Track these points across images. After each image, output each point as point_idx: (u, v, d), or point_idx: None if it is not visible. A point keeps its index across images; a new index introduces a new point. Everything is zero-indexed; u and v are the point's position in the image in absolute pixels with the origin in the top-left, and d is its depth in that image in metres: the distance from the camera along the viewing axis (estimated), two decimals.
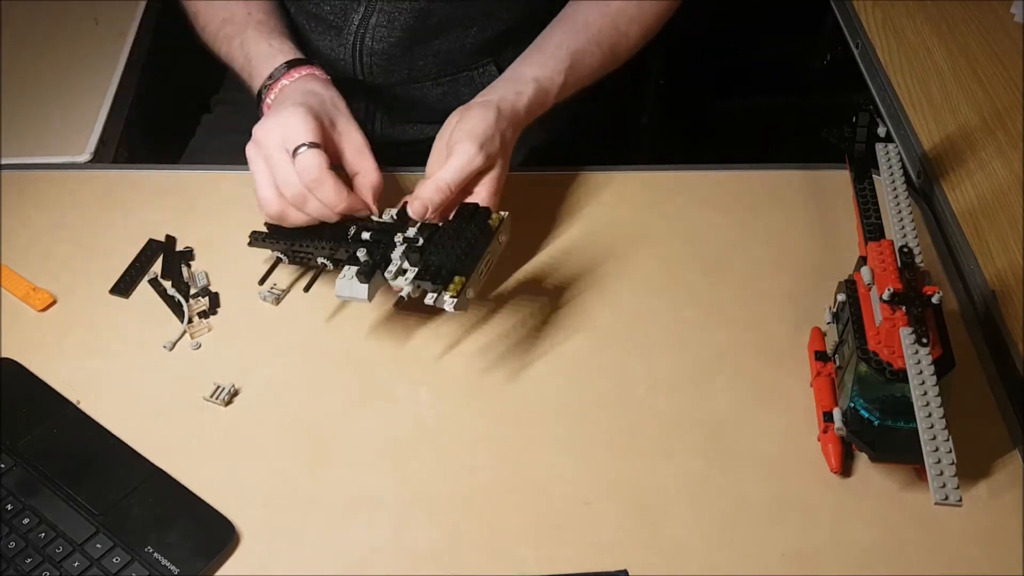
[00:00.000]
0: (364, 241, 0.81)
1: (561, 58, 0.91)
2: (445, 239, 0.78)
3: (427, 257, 0.77)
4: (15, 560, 0.69)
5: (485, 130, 0.82)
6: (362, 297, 0.78)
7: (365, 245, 0.80)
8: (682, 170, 1.00)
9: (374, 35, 0.98)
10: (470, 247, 0.77)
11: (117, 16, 1.17)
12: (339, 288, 0.78)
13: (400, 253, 0.79)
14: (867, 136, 0.85)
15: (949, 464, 0.64)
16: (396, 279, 0.78)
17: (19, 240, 0.91)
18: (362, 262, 0.78)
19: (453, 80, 1.02)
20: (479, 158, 0.82)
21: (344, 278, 0.78)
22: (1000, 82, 1.05)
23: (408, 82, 1.02)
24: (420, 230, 0.79)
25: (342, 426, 0.79)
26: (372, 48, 0.99)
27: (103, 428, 0.77)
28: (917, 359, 0.68)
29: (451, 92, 1.02)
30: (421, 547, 0.71)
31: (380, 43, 0.98)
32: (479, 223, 0.78)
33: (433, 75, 1.01)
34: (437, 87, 1.02)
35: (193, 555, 0.70)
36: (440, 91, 1.02)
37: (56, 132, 1.03)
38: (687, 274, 0.90)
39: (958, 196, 0.95)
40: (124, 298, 0.87)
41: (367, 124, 1.07)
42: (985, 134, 1.00)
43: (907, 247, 0.75)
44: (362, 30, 0.98)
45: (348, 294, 0.78)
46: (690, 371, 0.82)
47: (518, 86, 0.88)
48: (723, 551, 0.71)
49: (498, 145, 0.83)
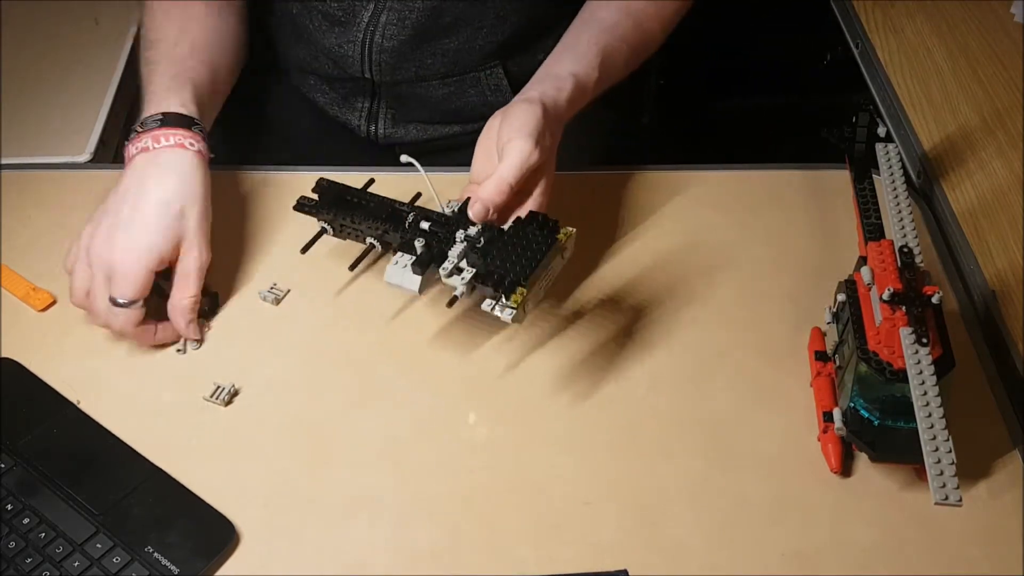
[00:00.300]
0: (423, 231, 0.77)
1: (594, 54, 0.90)
2: (509, 245, 0.74)
3: (489, 261, 0.73)
4: (15, 560, 0.69)
5: (536, 125, 0.80)
6: (412, 289, 0.76)
7: (424, 235, 0.77)
8: (682, 170, 1.00)
9: (384, 32, 0.98)
10: (535, 259, 0.73)
11: (117, 16, 1.17)
12: (389, 274, 0.77)
13: (459, 251, 0.75)
14: (867, 136, 0.85)
15: (949, 464, 0.64)
16: (451, 277, 0.75)
17: (19, 240, 0.91)
18: (419, 253, 0.76)
19: (460, 80, 1.02)
20: (535, 154, 0.79)
21: (396, 264, 0.77)
22: (1000, 82, 1.05)
23: (415, 80, 1.02)
24: (483, 230, 0.76)
25: (342, 426, 0.79)
26: (382, 46, 0.99)
27: (103, 428, 0.77)
28: (917, 359, 0.68)
29: (457, 92, 1.02)
30: (421, 547, 0.71)
31: (390, 40, 0.98)
32: (548, 236, 0.75)
33: (440, 74, 1.01)
34: (444, 87, 1.02)
35: (193, 555, 0.70)
36: (446, 91, 1.02)
37: (56, 132, 1.03)
38: (687, 274, 0.90)
39: (958, 196, 0.95)
40: None
41: (371, 124, 1.07)
42: (985, 134, 1.00)
43: (907, 247, 0.75)
44: (372, 27, 0.98)
45: (398, 282, 0.76)
46: (690, 371, 0.82)
47: (558, 82, 0.86)
48: (723, 551, 0.71)
49: (548, 141, 0.82)
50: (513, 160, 0.78)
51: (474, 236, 0.76)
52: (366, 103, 1.06)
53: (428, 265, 0.76)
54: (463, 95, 1.03)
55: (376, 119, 1.06)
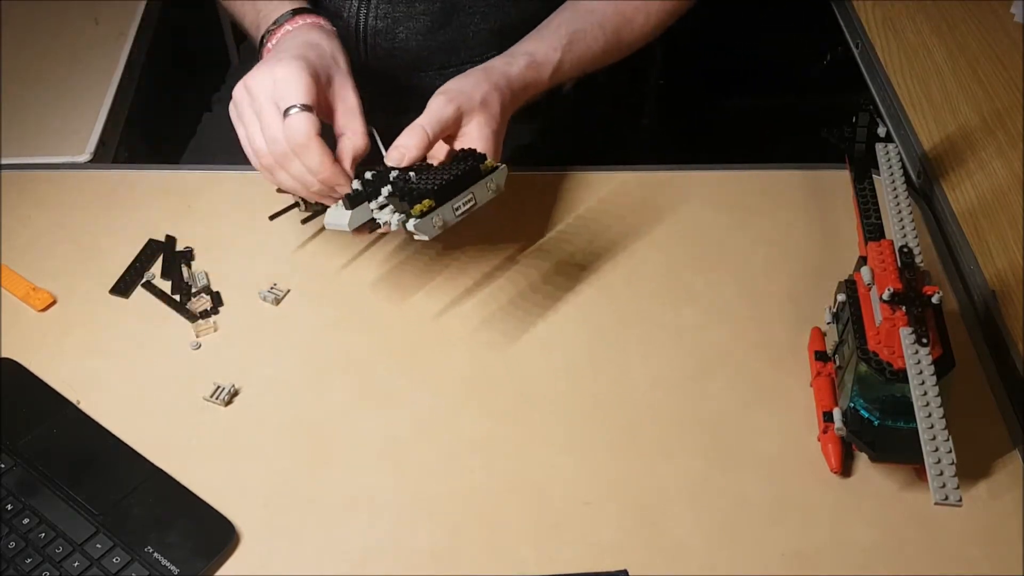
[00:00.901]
0: (363, 178, 0.80)
1: (560, 36, 0.91)
2: (433, 174, 0.77)
3: (407, 183, 0.76)
4: (15, 560, 0.69)
5: (460, 86, 0.84)
6: (343, 224, 0.78)
7: (362, 181, 0.80)
8: (682, 170, 1.00)
9: (377, 12, 0.98)
10: (452, 180, 0.76)
11: (117, 16, 1.17)
12: (328, 217, 0.79)
13: (389, 189, 0.78)
14: (867, 136, 0.85)
15: (949, 464, 0.64)
16: (381, 211, 0.77)
17: (19, 240, 0.91)
18: (352, 191, 0.78)
19: (457, 71, 1.01)
20: (449, 108, 0.81)
21: (335, 208, 0.79)
22: (1000, 82, 1.05)
23: (412, 70, 1.01)
24: (414, 169, 0.79)
25: (342, 426, 0.79)
26: (376, 27, 0.99)
27: (103, 428, 0.77)
28: (917, 359, 0.68)
29: None
30: (421, 547, 0.71)
31: (383, 20, 0.98)
32: (470, 164, 0.78)
33: (437, 65, 1.01)
34: (440, 77, 1.01)
35: (193, 555, 0.70)
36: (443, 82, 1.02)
37: (56, 132, 1.03)
38: (687, 274, 0.90)
39: (958, 196, 0.95)
40: (124, 298, 0.87)
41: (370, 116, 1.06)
42: (985, 134, 1.00)
43: (907, 247, 0.75)
44: (364, 9, 0.98)
45: (333, 222, 0.79)
46: (690, 371, 0.82)
47: (509, 57, 0.89)
48: (723, 551, 0.71)
49: (477, 101, 0.83)
50: (426, 112, 0.82)
51: (404, 174, 0.78)
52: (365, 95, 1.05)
53: (360, 203, 0.78)
54: None
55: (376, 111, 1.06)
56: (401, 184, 0.77)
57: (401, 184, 0.77)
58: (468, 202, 0.77)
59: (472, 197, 0.77)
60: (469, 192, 0.77)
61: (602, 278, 0.89)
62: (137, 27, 1.15)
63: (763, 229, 0.94)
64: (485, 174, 0.78)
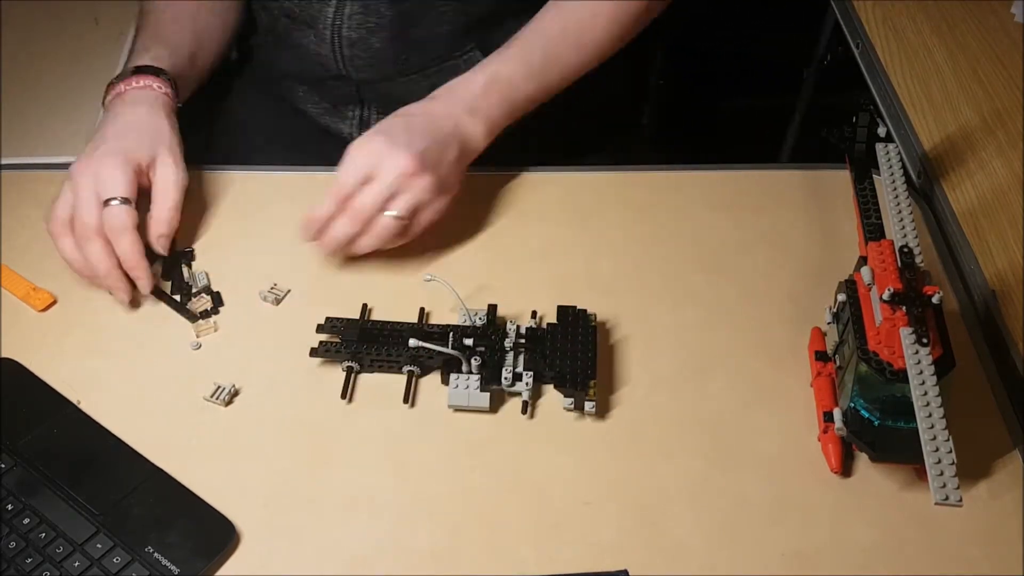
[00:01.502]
0: (471, 348, 0.80)
1: (527, 50, 0.92)
2: (558, 343, 0.80)
3: (549, 362, 0.79)
4: (15, 560, 0.69)
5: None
6: (484, 406, 0.78)
7: (475, 354, 0.79)
8: (682, 170, 1.00)
9: (350, 24, 0.98)
10: (586, 349, 0.79)
11: (117, 16, 1.16)
12: (453, 398, 0.78)
13: (511, 359, 0.80)
14: (867, 136, 0.85)
15: (949, 464, 0.64)
16: (513, 384, 0.79)
17: (19, 240, 0.91)
18: (476, 371, 0.78)
19: (439, 71, 1.01)
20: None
21: (457, 388, 0.78)
22: (1000, 82, 1.05)
23: (395, 76, 1.01)
24: (523, 334, 0.81)
25: (342, 426, 0.79)
26: (351, 39, 0.99)
27: (103, 428, 0.77)
28: (917, 359, 0.68)
29: (440, 84, 1.02)
30: (421, 547, 0.71)
31: (357, 31, 0.98)
32: (584, 325, 0.81)
33: (418, 67, 1.01)
34: (424, 79, 1.01)
35: (193, 555, 0.70)
36: (428, 83, 1.01)
37: (56, 132, 1.03)
38: (687, 274, 0.90)
39: (958, 196, 0.95)
40: None
41: (362, 126, 1.06)
42: (985, 134, 1.00)
43: (907, 247, 0.75)
44: (338, 22, 0.98)
45: (466, 404, 0.78)
46: (690, 371, 0.82)
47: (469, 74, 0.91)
48: (723, 551, 0.71)
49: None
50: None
51: (518, 342, 0.81)
52: (356, 110, 1.05)
53: (491, 381, 0.79)
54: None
55: (368, 125, 1.06)
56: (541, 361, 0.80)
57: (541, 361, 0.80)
58: None
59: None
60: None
61: (602, 278, 0.89)
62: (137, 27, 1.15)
63: (763, 229, 0.94)
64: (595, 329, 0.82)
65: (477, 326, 0.83)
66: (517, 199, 0.96)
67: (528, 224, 0.93)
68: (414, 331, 0.81)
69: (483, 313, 0.84)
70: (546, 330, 0.81)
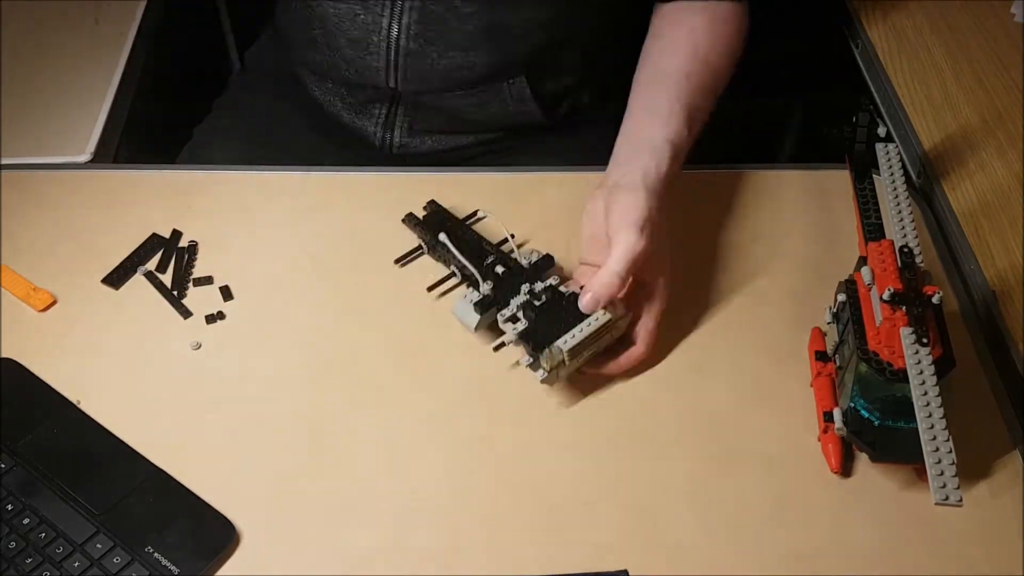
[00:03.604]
0: (496, 274, 0.83)
1: (678, 111, 0.87)
2: (564, 311, 0.78)
3: (540, 320, 0.78)
4: (15, 560, 0.69)
5: (641, 214, 0.79)
6: (471, 325, 0.81)
7: (494, 279, 0.82)
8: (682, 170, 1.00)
9: (409, 33, 0.96)
10: (580, 332, 0.77)
11: (117, 16, 1.16)
12: (456, 307, 0.82)
13: (519, 302, 0.80)
14: (867, 136, 0.85)
15: (949, 464, 0.64)
16: (506, 323, 0.79)
17: (19, 240, 0.91)
18: (483, 294, 0.81)
19: (484, 91, 1.00)
20: (641, 243, 0.78)
21: (464, 299, 0.81)
22: (1000, 82, 1.05)
23: (440, 91, 1.00)
24: (546, 289, 0.80)
25: (342, 426, 0.79)
26: (408, 48, 0.97)
27: (103, 428, 0.77)
28: (917, 359, 0.68)
29: (480, 103, 1.01)
30: (421, 547, 0.71)
31: (415, 41, 0.96)
32: (601, 313, 0.78)
33: (467, 84, 1.00)
34: (467, 97, 1.00)
35: (193, 555, 0.70)
36: (469, 101, 1.00)
37: (56, 132, 1.03)
38: (687, 274, 0.90)
39: (958, 196, 0.95)
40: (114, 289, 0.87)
41: (387, 131, 1.05)
42: (985, 134, 1.00)
43: (907, 247, 0.75)
44: (395, 29, 0.96)
45: (461, 316, 0.81)
46: (690, 371, 0.82)
47: (655, 155, 0.84)
48: (723, 551, 0.71)
49: (655, 225, 0.80)
50: (621, 251, 0.78)
51: (537, 292, 0.80)
52: (383, 109, 1.04)
53: (489, 308, 0.81)
54: (486, 106, 1.01)
55: (392, 127, 1.04)
56: (531, 311, 0.79)
57: (531, 311, 0.79)
58: (591, 353, 0.79)
59: (595, 349, 0.79)
60: (595, 345, 0.79)
61: None
62: (137, 27, 1.15)
63: (763, 229, 0.94)
64: (611, 326, 0.79)
65: (521, 263, 0.83)
66: (519, 198, 0.96)
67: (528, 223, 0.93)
68: (470, 242, 0.86)
69: (538, 259, 0.84)
70: (565, 295, 0.80)
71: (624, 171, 0.83)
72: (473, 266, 0.84)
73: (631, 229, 0.78)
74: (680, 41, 0.92)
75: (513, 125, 1.05)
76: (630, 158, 0.85)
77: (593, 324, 0.77)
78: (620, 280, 0.78)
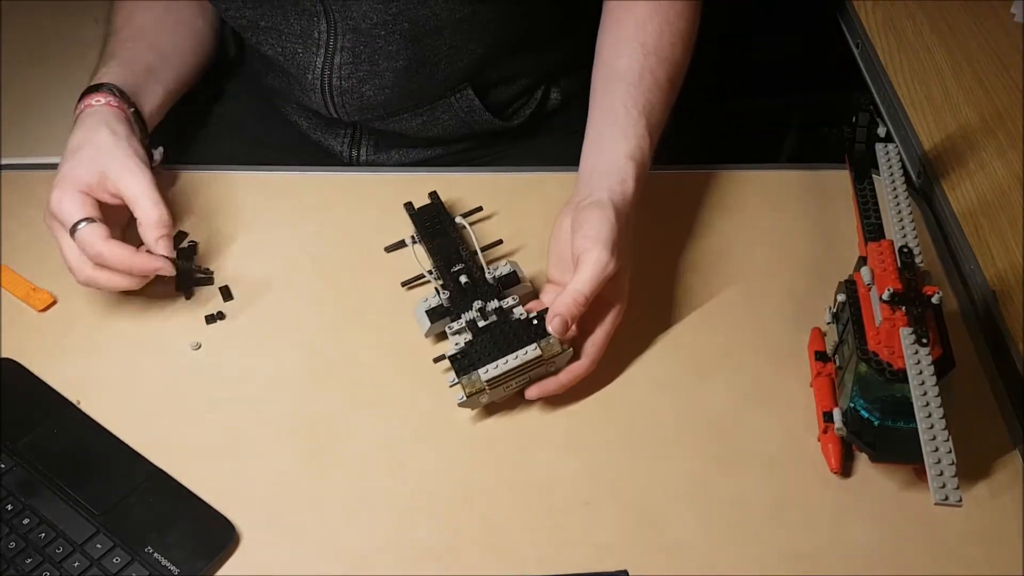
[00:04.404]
0: (458, 283, 0.83)
1: (636, 119, 0.86)
2: (502, 337, 0.77)
3: (478, 341, 0.78)
4: (15, 560, 0.69)
5: (610, 232, 0.78)
6: (422, 330, 0.82)
7: (454, 289, 0.82)
8: (683, 170, 1.00)
9: (341, 73, 0.95)
10: (515, 364, 0.76)
11: None
12: (416, 308, 0.83)
13: (466, 320, 0.79)
14: (867, 136, 0.85)
15: (949, 464, 0.64)
16: (454, 335, 0.80)
17: (19, 240, 0.91)
18: (438, 304, 0.82)
19: (431, 108, 1.00)
20: (612, 263, 0.77)
21: (425, 303, 0.83)
22: (1000, 82, 1.05)
23: (385, 117, 1.00)
24: (497, 311, 0.79)
25: (342, 426, 0.79)
26: (341, 87, 0.96)
27: (103, 428, 0.77)
28: (917, 359, 0.68)
29: (430, 120, 1.00)
30: (421, 547, 0.71)
31: (347, 80, 0.96)
32: (533, 350, 0.76)
33: (410, 107, 0.99)
34: (416, 118, 1.00)
35: (193, 555, 0.70)
36: (419, 121, 1.00)
37: (56, 132, 1.02)
38: (687, 274, 0.90)
39: (958, 196, 0.95)
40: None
41: (353, 149, 1.05)
42: (985, 134, 1.00)
43: (907, 247, 0.75)
44: (327, 71, 0.96)
45: (417, 317, 0.82)
46: (690, 371, 0.82)
47: (619, 174, 0.83)
48: (723, 551, 0.71)
49: (623, 244, 0.80)
50: (589, 272, 0.77)
51: (487, 312, 0.80)
52: (347, 130, 1.04)
53: (442, 317, 0.82)
54: (437, 121, 1.01)
55: (359, 145, 1.04)
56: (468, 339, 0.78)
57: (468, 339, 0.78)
58: (521, 381, 0.79)
59: (527, 378, 0.79)
60: (526, 374, 0.78)
61: None
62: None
63: (763, 229, 0.94)
64: (549, 359, 0.78)
65: (486, 278, 0.83)
66: (518, 199, 0.96)
67: (528, 223, 0.93)
68: (446, 245, 0.86)
69: (506, 272, 0.84)
70: (509, 323, 0.78)
71: (590, 190, 0.82)
72: (439, 272, 0.84)
73: (601, 249, 0.77)
74: (628, 38, 0.90)
75: (474, 134, 1.03)
76: (594, 177, 0.84)
77: (521, 358, 0.76)
78: (585, 299, 0.76)
